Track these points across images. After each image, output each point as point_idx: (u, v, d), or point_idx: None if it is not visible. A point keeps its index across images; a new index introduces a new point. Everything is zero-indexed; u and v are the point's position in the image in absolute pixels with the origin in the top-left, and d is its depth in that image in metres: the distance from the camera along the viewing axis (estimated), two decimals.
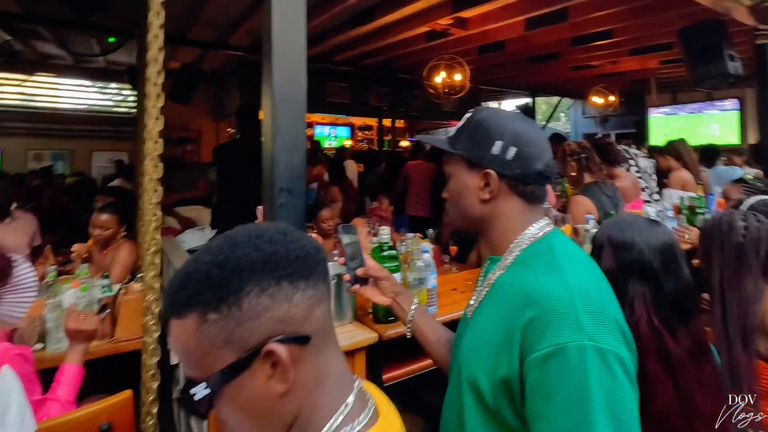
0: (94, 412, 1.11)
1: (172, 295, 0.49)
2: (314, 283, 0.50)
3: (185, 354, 0.48)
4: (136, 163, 3.95)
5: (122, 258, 2.24)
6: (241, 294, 0.46)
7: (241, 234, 0.51)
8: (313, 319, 0.50)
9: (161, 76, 1.24)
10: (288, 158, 1.16)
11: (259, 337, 0.46)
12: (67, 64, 7.75)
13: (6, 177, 4.00)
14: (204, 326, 0.46)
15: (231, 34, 5.51)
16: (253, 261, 0.47)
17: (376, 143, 9.35)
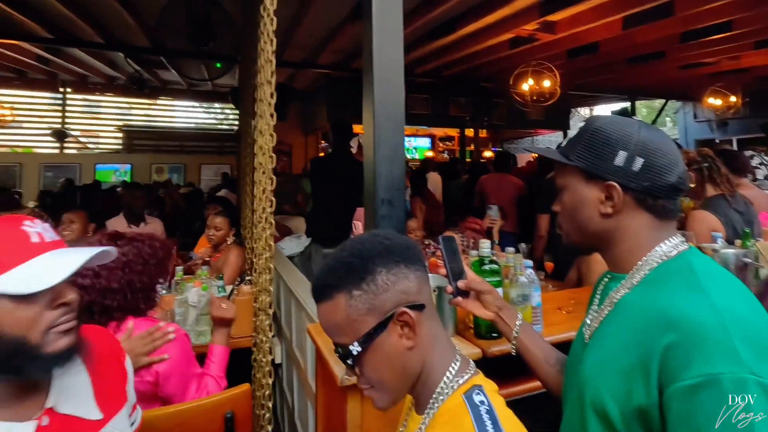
0: (219, 400, 1.25)
1: (321, 285, 0.67)
2: (420, 267, 0.69)
3: (336, 326, 0.66)
4: (239, 176, 4.37)
5: (232, 261, 2.47)
6: (375, 273, 0.64)
7: (364, 236, 0.73)
8: (423, 293, 0.68)
9: (273, 97, 1.35)
10: (388, 170, 1.19)
11: (391, 305, 0.64)
12: (182, 89, 8.86)
13: (141, 187, 4.66)
14: (351, 301, 0.64)
15: (320, 54, 5.88)
16: (379, 250, 0.67)
17: (458, 154, 9.19)
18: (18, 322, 0.68)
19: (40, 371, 0.72)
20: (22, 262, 0.69)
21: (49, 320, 0.71)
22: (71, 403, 0.78)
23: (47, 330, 0.70)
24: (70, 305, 0.73)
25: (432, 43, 5.17)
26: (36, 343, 0.69)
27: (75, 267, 0.71)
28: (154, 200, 5.45)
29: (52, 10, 4.41)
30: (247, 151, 2.89)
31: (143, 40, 5.38)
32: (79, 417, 0.78)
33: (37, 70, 7.23)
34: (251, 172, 2.23)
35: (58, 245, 0.74)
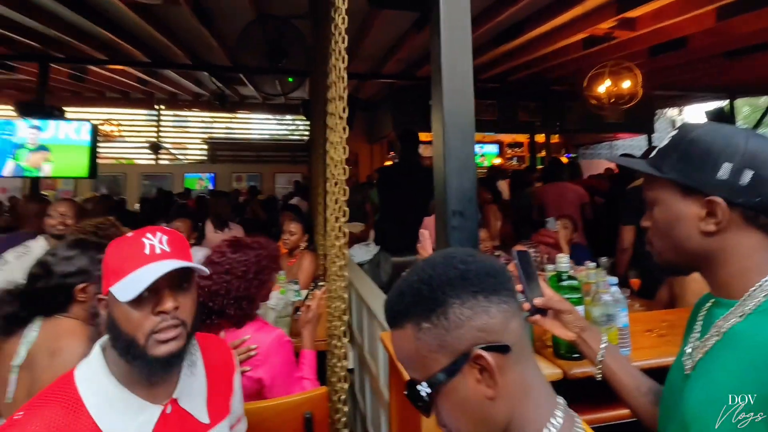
0: (299, 400, 1.31)
1: (390, 310, 0.59)
2: (505, 298, 0.56)
3: (407, 358, 0.58)
4: (311, 184, 4.58)
5: (305, 267, 2.60)
6: (446, 305, 0.54)
7: (438, 257, 0.60)
8: (510, 331, 0.55)
9: (345, 112, 1.40)
10: (459, 181, 1.18)
11: (466, 344, 0.53)
12: (258, 102, 9.49)
13: (226, 195, 5.04)
14: (420, 334, 0.55)
15: (384, 64, 6.00)
16: (451, 278, 0.55)
17: (528, 160, 8.80)
18: (130, 322, 0.77)
19: (146, 369, 0.79)
20: (132, 271, 0.77)
21: (151, 325, 0.78)
22: (190, 400, 0.86)
23: (150, 334, 0.77)
24: (169, 314, 0.79)
25: (498, 47, 5.05)
26: (142, 345, 0.77)
27: (152, 279, 0.76)
28: (235, 207, 5.87)
29: (150, 37, 4.96)
30: (318, 161, 3.01)
31: (225, 59, 5.86)
32: (193, 416, 0.86)
33: (137, 90, 8.16)
34: (323, 181, 2.32)
35: (163, 257, 0.79)
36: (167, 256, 0.80)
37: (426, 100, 5.44)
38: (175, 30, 4.94)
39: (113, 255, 0.81)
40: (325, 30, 2.65)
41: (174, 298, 0.80)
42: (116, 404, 0.78)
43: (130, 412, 0.78)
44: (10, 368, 1.13)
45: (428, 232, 1.62)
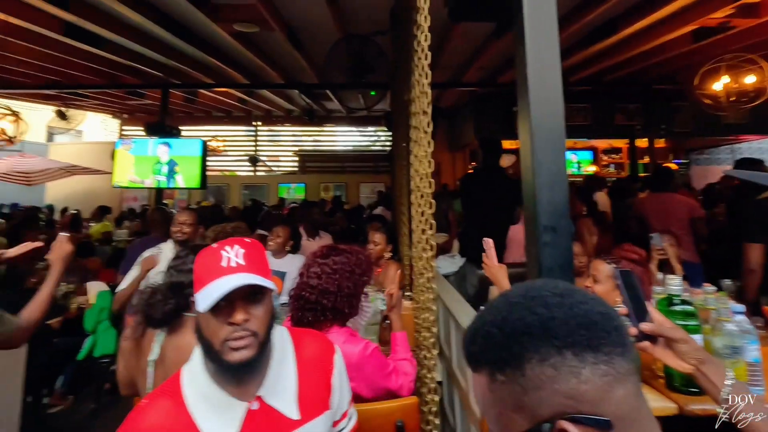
0: (391, 408, 1.34)
1: (465, 350, 0.51)
2: (607, 357, 0.44)
3: (483, 406, 0.50)
4: (393, 194, 4.67)
5: (390, 276, 2.65)
6: (521, 360, 0.45)
7: (517, 293, 0.50)
8: (612, 401, 0.43)
9: (430, 126, 1.41)
10: (550, 195, 1.12)
11: (549, 410, 0.43)
12: (342, 116, 9.96)
13: (317, 204, 5.33)
14: (494, 385, 0.46)
15: (465, 73, 5.93)
16: (529, 324, 0.45)
17: (628, 168, 7.94)
18: (208, 329, 0.84)
19: (223, 371, 0.85)
20: (210, 282, 0.83)
21: (225, 334, 0.82)
22: (277, 397, 0.90)
23: (224, 341, 0.83)
24: (240, 325, 0.82)
25: (589, 47, 4.72)
26: (217, 350, 0.83)
27: (221, 293, 0.80)
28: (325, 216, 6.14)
29: (249, 61, 5.48)
30: (401, 172, 3.07)
31: (313, 78, 6.25)
32: (280, 412, 0.90)
33: (238, 109, 9.04)
34: (407, 192, 2.35)
35: (237, 270, 0.83)
36: (241, 269, 0.83)
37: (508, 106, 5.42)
38: (270, 54, 5.39)
39: (199, 264, 0.87)
40: (405, 44, 2.71)
41: (245, 311, 0.83)
42: (209, 400, 0.84)
43: (220, 408, 0.84)
44: (147, 363, 1.29)
45: (492, 242, 1.56)
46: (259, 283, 0.83)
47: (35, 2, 3.56)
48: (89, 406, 3.20)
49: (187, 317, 1.33)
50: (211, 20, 3.96)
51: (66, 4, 3.65)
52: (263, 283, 0.84)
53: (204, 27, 4.32)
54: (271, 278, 0.88)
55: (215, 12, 3.95)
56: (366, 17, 4.22)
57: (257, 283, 0.83)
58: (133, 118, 9.88)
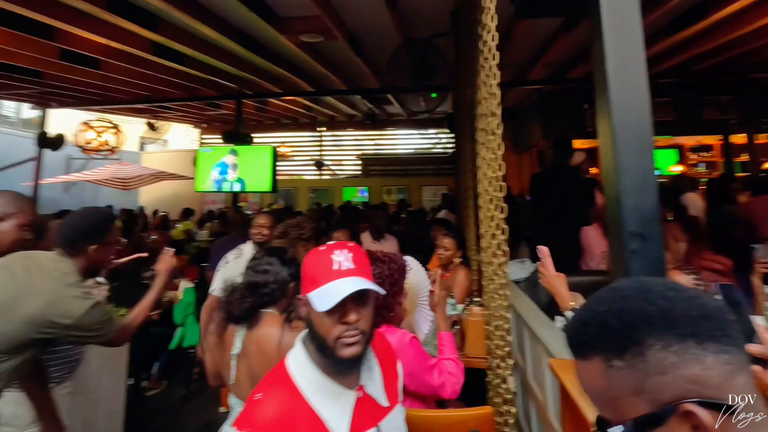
0: (464, 416, 1.34)
1: (573, 338, 0.54)
2: (727, 347, 0.46)
3: (594, 393, 0.52)
4: (459, 198, 4.59)
5: (460, 281, 2.61)
6: (642, 346, 0.47)
7: (628, 287, 0.52)
8: (733, 388, 0.45)
9: (500, 128, 1.36)
10: (637, 199, 1.03)
11: (672, 394, 0.46)
12: (403, 119, 10.00)
13: (382, 207, 5.39)
14: (610, 371, 0.49)
15: (530, 70, 5.68)
16: (650, 314, 0.48)
17: (722, 167, 7.07)
18: (322, 326, 0.90)
19: (336, 364, 0.92)
20: (325, 283, 0.89)
21: (338, 332, 0.89)
22: (372, 387, 0.99)
23: (337, 339, 0.89)
24: (352, 324, 0.89)
25: (674, 35, 4.31)
26: (331, 346, 0.90)
27: (341, 297, 0.86)
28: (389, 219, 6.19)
29: (313, 70, 5.69)
30: (466, 175, 3.00)
31: (374, 83, 6.34)
32: (376, 400, 0.98)
33: (303, 115, 9.43)
34: (473, 196, 2.30)
35: (349, 274, 0.90)
36: (352, 273, 0.90)
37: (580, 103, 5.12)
38: (334, 61, 5.56)
39: (310, 264, 0.94)
40: (468, 45, 2.65)
41: (356, 312, 0.90)
42: (322, 390, 0.91)
43: (333, 397, 0.91)
44: (231, 357, 1.39)
45: (547, 249, 1.46)
46: (370, 288, 0.89)
47: (130, 26, 3.97)
48: (180, 391, 3.53)
49: (263, 312, 1.41)
50: (279, 33, 4.17)
51: (155, 26, 4.03)
52: (373, 287, 0.90)
53: (273, 40, 4.56)
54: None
55: (283, 25, 4.15)
56: (425, 20, 4.21)
57: (369, 288, 0.89)
58: (211, 127, 10.69)
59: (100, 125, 5.56)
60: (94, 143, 5.48)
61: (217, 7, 3.85)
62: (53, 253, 1.41)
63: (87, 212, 1.54)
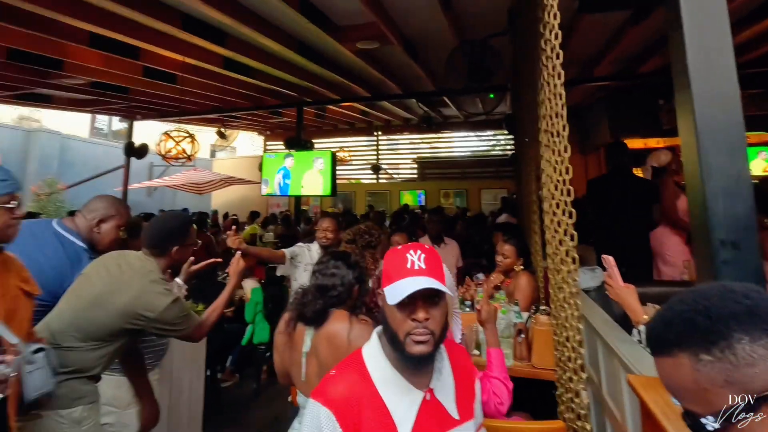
0: (536, 429, 1.30)
1: (657, 337, 0.58)
2: None
3: (681, 388, 0.55)
4: (520, 201, 4.44)
5: (522, 288, 2.48)
6: (731, 340, 0.51)
7: (710, 289, 0.57)
8: None
9: (566, 129, 1.29)
10: (727, 204, 0.93)
11: (762, 384, 0.50)
12: (459, 121, 9.86)
13: (440, 212, 5.33)
14: (699, 365, 0.52)
15: (595, 66, 5.36)
16: (736, 312, 0.52)
17: None
18: (394, 320, 0.93)
19: (404, 360, 0.94)
20: (397, 280, 0.92)
21: (408, 328, 0.91)
22: (443, 394, 0.98)
23: (407, 334, 0.91)
24: (421, 323, 0.91)
25: (764, 20, 3.87)
26: (401, 341, 0.92)
27: (407, 293, 0.89)
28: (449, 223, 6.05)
29: (370, 75, 5.78)
30: (530, 178, 2.88)
31: (430, 86, 6.32)
32: (445, 407, 0.97)
33: (360, 120, 9.62)
34: (537, 200, 2.21)
35: (420, 273, 0.92)
36: (423, 272, 0.92)
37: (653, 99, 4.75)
38: (389, 66, 5.62)
39: (388, 261, 0.98)
40: (528, 44, 2.55)
41: (425, 310, 0.91)
42: (391, 381, 0.95)
43: (400, 391, 0.94)
44: (301, 354, 1.46)
45: (613, 259, 1.35)
46: (438, 288, 0.91)
47: (202, 43, 4.30)
48: (252, 385, 3.74)
49: (331, 311, 1.47)
50: (337, 41, 4.29)
51: (224, 42, 4.32)
52: (441, 288, 0.91)
53: (330, 48, 4.70)
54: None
55: (340, 34, 4.27)
56: (481, 20, 4.13)
57: (436, 287, 0.91)
58: (274, 134, 11.23)
59: (178, 135, 6.03)
60: (173, 152, 5.96)
61: (279, 21, 4.05)
62: (140, 252, 1.57)
63: (169, 216, 1.70)
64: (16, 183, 1.20)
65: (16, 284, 1.22)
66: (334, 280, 1.51)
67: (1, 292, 1.16)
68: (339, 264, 1.55)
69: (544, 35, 1.47)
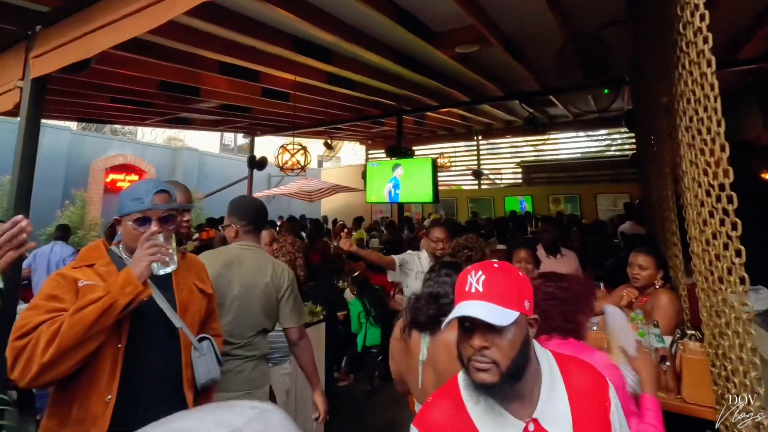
0: None
1: None
2: None
3: None
4: (650, 207, 3.91)
5: (663, 307, 2.10)
6: None
7: None
8: None
9: (722, 124, 1.07)
10: None
11: None
12: (567, 121, 9.13)
13: (552, 220, 4.88)
14: None
15: (739, 48, 4.49)
16: None
17: None
18: (460, 344, 0.89)
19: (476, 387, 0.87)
20: (458, 303, 0.88)
21: (468, 353, 0.87)
22: (553, 423, 0.88)
23: (468, 360, 0.86)
24: (479, 350, 0.85)
25: None
26: (466, 365, 0.87)
27: (453, 317, 0.85)
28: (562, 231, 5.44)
29: (469, 79, 5.64)
30: (663, 181, 2.48)
31: (534, 85, 5.93)
32: None
33: (459, 125, 9.46)
34: (674, 205, 1.91)
35: (476, 297, 0.86)
36: (479, 296, 0.85)
37: None
38: (488, 68, 5.41)
39: (457, 282, 0.94)
40: (655, 30, 2.23)
41: (483, 338, 0.84)
42: (488, 413, 0.88)
43: (497, 423, 0.87)
44: (418, 362, 1.44)
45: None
46: (479, 317, 0.83)
47: (310, 62, 4.62)
48: (366, 387, 3.90)
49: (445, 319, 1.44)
50: (435, 48, 4.25)
51: (329, 59, 4.58)
52: (491, 316, 0.83)
53: (428, 55, 4.69)
54: (521, 306, 0.86)
55: (438, 40, 4.23)
56: (593, 10, 3.74)
57: (478, 317, 0.83)
58: (375, 143, 11.63)
59: (293, 148, 6.57)
60: (289, 163, 6.50)
61: (378, 33, 4.16)
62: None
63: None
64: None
65: (193, 282, 1.42)
66: (446, 288, 1.46)
67: (180, 286, 1.36)
68: (450, 272, 1.51)
69: (683, 17, 1.27)
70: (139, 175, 10.29)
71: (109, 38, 2.30)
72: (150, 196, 1.26)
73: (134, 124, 7.75)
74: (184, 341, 1.31)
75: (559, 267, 3.19)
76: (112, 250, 1.32)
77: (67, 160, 9.10)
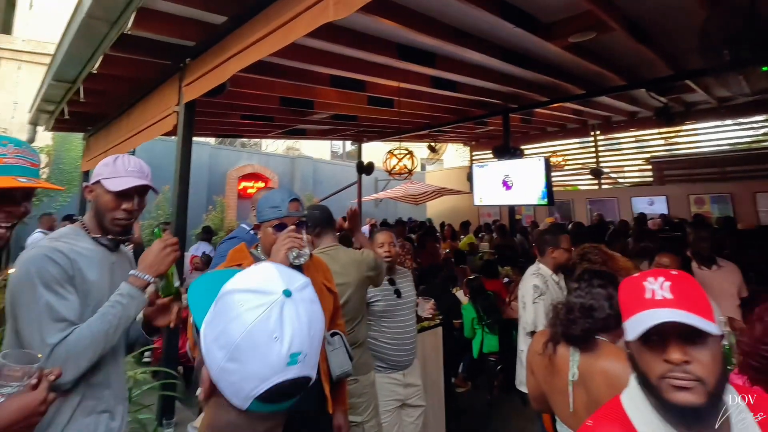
0: None
1: None
2: None
3: None
4: None
5: None
6: None
7: None
8: None
9: None
10: None
11: None
12: (708, 108, 7.79)
13: (707, 227, 4.17)
14: None
15: None
16: None
17: None
18: (642, 361, 0.80)
19: (667, 411, 0.77)
20: (635, 313, 0.79)
21: (660, 370, 0.76)
22: None
23: (660, 378, 0.76)
24: (678, 366, 0.75)
25: None
26: (654, 385, 0.77)
27: (646, 327, 0.75)
28: (719, 239, 4.65)
29: (583, 70, 5.18)
30: None
31: (664, 69, 5.21)
32: None
33: (572, 120, 8.75)
34: None
35: (664, 304, 0.76)
36: (669, 304, 0.76)
37: None
38: (608, 56, 4.90)
39: (622, 293, 0.86)
40: None
41: (682, 350, 0.75)
42: None
43: None
44: (567, 383, 1.32)
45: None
46: (688, 322, 0.74)
47: (414, 68, 4.74)
48: (485, 396, 3.78)
49: (600, 340, 1.32)
50: (545, 40, 4.02)
51: (433, 63, 4.64)
52: (695, 322, 0.73)
53: (536, 48, 4.45)
54: (714, 320, 0.76)
55: (548, 31, 3.99)
56: None
57: (687, 321, 0.74)
58: (479, 143, 11.38)
59: (400, 153, 6.79)
60: (396, 168, 6.74)
61: (480, 30, 4.08)
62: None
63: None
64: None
65: (321, 281, 1.54)
66: (602, 302, 1.34)
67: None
68: (604, 283, 1.38)
69: None
70: (265, 183, 11.58)
71: (239, 63, 2.68)
72: (285, 205, 1.40)
73: (259, 136, 8.84)
74: None
75: (716, 281, 2.77)
76: (252, 252, 1.49)
77: (208, 170, 10.69)
